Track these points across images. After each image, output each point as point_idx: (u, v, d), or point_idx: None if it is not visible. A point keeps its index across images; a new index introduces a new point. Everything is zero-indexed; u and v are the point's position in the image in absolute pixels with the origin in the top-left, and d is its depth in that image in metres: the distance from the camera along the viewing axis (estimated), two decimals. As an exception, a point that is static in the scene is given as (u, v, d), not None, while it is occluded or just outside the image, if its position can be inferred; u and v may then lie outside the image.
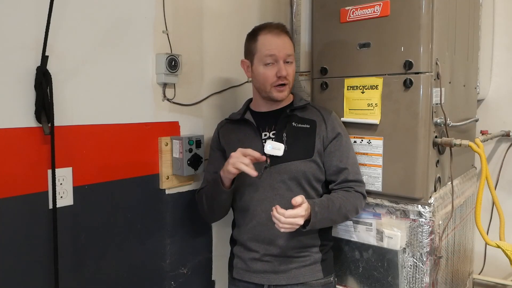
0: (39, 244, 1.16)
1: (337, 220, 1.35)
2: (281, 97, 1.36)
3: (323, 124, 1.37)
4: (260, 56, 1.34)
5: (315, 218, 1.21)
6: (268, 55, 1.32)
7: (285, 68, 1.32)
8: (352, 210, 1.34)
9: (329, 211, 1.26)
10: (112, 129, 1.33)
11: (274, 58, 1.32)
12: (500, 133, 1.94)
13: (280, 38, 1.34)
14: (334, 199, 1.30)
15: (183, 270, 1.57)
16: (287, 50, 1.33)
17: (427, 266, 1.37)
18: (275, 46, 1.32)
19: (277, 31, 1.34)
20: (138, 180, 1.41)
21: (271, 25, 1.36)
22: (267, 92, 1.36)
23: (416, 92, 1.33)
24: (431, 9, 1.32)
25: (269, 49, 1.32)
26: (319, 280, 1.35)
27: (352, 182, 1.35)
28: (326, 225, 1.32)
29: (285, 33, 1.36)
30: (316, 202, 1.25)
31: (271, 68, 1.33)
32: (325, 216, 1.25)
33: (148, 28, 1.41)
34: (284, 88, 1.35)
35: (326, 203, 1.28)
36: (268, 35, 1.34)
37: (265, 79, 1.34)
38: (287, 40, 1.36)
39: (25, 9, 1.10)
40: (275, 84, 1.33)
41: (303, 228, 1.21)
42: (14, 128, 1.10)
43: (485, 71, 1.97)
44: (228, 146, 1.41)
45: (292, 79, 1.37)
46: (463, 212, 1.71)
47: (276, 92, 1.35)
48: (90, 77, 1.26)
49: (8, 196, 1.09)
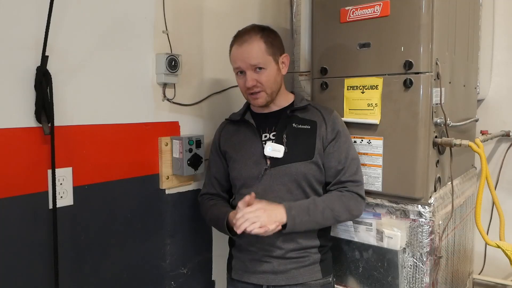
0: (39, 244, 1.16)
1: (325, 223, 1.31)
2: (258, 103, 1.35)
3: (323, 124, 1.36)
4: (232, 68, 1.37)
5: (292, 221, 1.22)
6: (235, 68, 1.34)
7: (252, 78, 1.30)
8: (343, 211, 1.30)
9: (309, 214, 1.25)
10: (112, 129, 1.33)
11: (240, 69, 1.32)
12: (500, 133, 1.94)
13: (243, 47, 1.30)
14: (318, 202, 1.28)
15: (183, 270, 1.57)
16: (250, 59, 1.28)
17: (427, 266, 1.37)
18: (238, 58, 1.31)
19: (241, 41, 1.31)
20: (138, 180, 1.41)
21: (239, 33, 1.34)
22: (246, 99, 1.39)
23: (416, 92, 1.33)
24: (431, 9, 1.31)
25: (234, 61, 1.34)
26: (318, 280, 1.34)
27: (346, 182, 1.33)
28: (311, 227, 1.29)
29: (253, 37, 1.30)
30: (292, 206, 1.24)
31: (241, 78, 1.34)
32: (304, 219, 1.24)
33: (148, 28, 1.41)
34: (257, 95, 1.33)
35: (306, 206, 1.26)
36: (234, 47, 1.34)
37: (240, 88, 1.37)
38: (252, 48, 1.29)
39: (25, 9, 1.10)
40: (248, 92, 1.34)
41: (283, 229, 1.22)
42: (14, 128, 1.10)
43: (485, 71, 1.97)
44: (229, 149, 1.42)
45: (268, 84, 1.31)
46: (463, 212, 1.71)
47: (252, 100, 1.36)
48: (90, 77, 1.26)
49: (8, 196, 1.09)
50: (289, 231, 1.23)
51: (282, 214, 1.21)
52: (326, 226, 1.35)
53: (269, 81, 1.32)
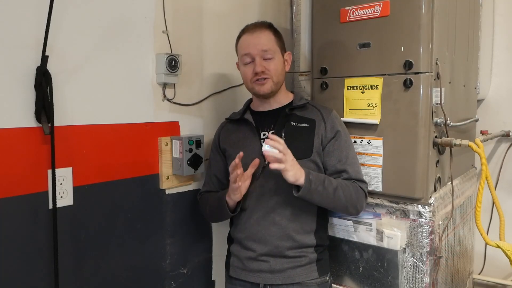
0: (39, 244, 1.16)
1: (333, 203, 1.30)
2: (263, 90, 1.36)
3: (322, 123, 1.37)
4: (240, 57, 1.39)
5: (308, 184, 1.22)
6: (244, 55, 1.36)
7: (261, 64, 1.33)
8: (351, 200, 1.30)
9: (324, 186, 1.25)
10: (112, 129, 1.33)
11: (250, 56, 1.34)
12: (500, 133, 1.94)
13: (255, 35, 1.35)
14: (331, 179, 1.30)
15: (183, 270, 1.57)
16: (262, 45, 1.33)
17: (427, 266, 1.37)
18: (249, 44, 1.35)
19: (253, 30, 1.36)
20: (138, 180, 1.41)
21: (250, 25, 1.39)
22: (251, 89, 1.39)
23: (416, 92, 1.33)
24: (431, 9, 1.31)
25: (244, 48, 1.36)
26: (315, 279, 1.34)
27: (355, 180, 1.35)
28: (320, 202, 1.28)
29: (264, 28, 1.36)
30: (311, 172, 1.26)
31: (249, 66, 1.36)
32: (319, 189, 1.24)
33: (148, 28, 1.41)
34: (264, 81, 1.35)
35: (322, 178, 1.28)
36: (245, 35, 1.37)
37: (245, 77, 1.38)
38: (264, 35, 1.35)
39: (25, 9, 1.10)
40: (254, 79, 1.35)
41: (296, 193, 1.23)
42: (14, 128, 1.10)
43: (485, 71, 1.97)
44: (228, 147, 1.43)
45: (275, 73, 1.35)
46: (463, 212, 1.71)
47: (257, 86, 1.36)
48: (90, 77, 1.26)
49: (8, 196, 1.09)
50: (302, 195, 1.23)
51: (302, 174, 1.22)
52: (333, 207, 1.33)
53: (277, 70, 1.36)
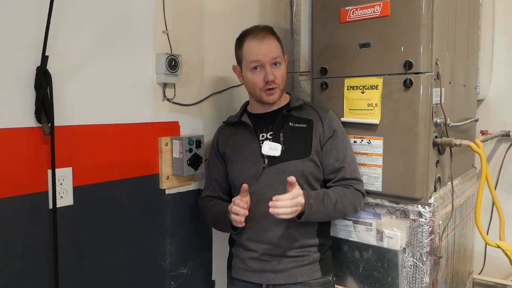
0: (39, 244, 1.16)
1: (334, 216, 1.34)
2: (271, 100, 1.36)
3: (319, 123, 1.37)
4: (246, 63, 1.36)
5: (309, 210, 1.22)
6: (253, 61, 1.33)
7: (272, 72, 1.32)
8: (350, 207, 1.34)
9: (324, 205, 1.26)
10: (112, 129, 1.33)
11: (260, 64, 1.33)
12: (500, 133, 1.94)
13: (264, 42, 1.33)
14: (330, 194, 1.30)
15: (183, 270, 1.57)
16: (272, 53, 1.32)
17: (427, 266, 1.37)
18: (260, 51, 1.32)
19: (261, 36, 1.34)
20: (138, 180, 1.41)
21: (255, 30, 1.36)
22: (257, 96, 1.38)
23: (416, 92, 1.33)
24: (431, 9, 1.31)
25: (254, 55, 1.33)
26: (317, 279, 1.35)
27: (350, 180, 1.35)
28: (321, 219, 1.32)
29: (270, 35, 1.35)
30: (311, 194, 1.25)
31: (258, 73, 1.34)
32: (320, 210, 1.25)
33: (148, 28, 1.41)
34: (273, 91, 1.35)
35: (322, 196, 1.28)
36: (252, 41, 1.34)
37: (253, 85, 1.36)
38: (273, 43, 1.34)
39: (25, 9, 1.10)
40: (264, 88, 1.34)
41: (298, 219, 1.22)
42: (14, 128, 1.10)
43: (485, 71, 1.97)
44: (228, 150, 1.43)
45: (282, 81, 1.37)
46: (463, 212, 1.71)
47: (266, 96, 1.36)
48: (90, 77, 1.26)
49: (8, 196, 1.09)
50: (304, 220, 1.23)
51: (302, 201, 1.21)
52: (333, 219, 1.37)
53: (283, 77, 1.38)
